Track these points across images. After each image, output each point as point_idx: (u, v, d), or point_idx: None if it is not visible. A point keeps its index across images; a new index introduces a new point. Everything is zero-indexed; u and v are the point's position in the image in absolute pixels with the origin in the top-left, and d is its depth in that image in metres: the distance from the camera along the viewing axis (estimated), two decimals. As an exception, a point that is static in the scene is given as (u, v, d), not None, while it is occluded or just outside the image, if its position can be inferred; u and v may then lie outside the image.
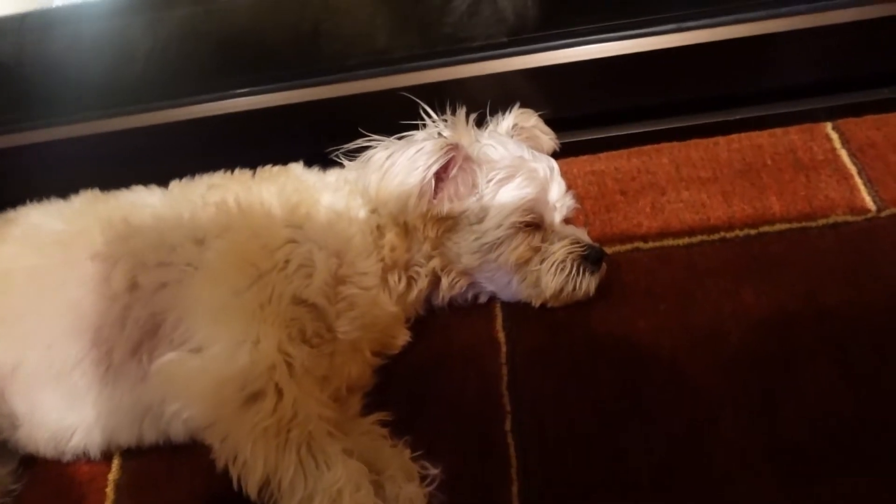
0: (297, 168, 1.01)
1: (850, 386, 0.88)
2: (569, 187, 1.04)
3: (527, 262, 0.99)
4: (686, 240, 1.08)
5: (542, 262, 0.99)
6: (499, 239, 0.97)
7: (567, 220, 1.05)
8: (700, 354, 0.95)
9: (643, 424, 0.90)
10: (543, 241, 0.99)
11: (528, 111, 1.09)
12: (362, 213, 0.96)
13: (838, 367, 0.90)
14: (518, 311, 1.04)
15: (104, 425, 0.88)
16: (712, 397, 0.91)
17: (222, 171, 1.00)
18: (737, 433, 0.87)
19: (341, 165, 0.98)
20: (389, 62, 1.13)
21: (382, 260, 0.96)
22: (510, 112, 1.07)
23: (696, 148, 1.21)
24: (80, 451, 0.91)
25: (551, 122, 1.12)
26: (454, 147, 0.93)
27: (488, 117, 1.06)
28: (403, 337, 1.00)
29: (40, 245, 0.91)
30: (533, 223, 0.98)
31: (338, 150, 0.96)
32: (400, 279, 0.98)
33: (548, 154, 1.06)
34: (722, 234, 1.08)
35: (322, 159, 1.01)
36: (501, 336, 1.03)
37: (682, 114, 1.24)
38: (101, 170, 1.08)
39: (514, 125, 1.06)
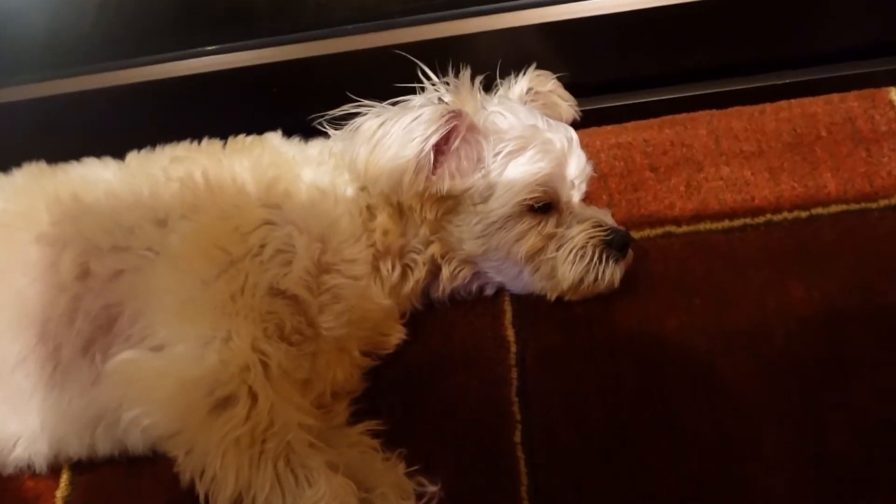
0: (274, 138, 1.02)
1: (912, 395, 0.89)
2: (589, 160, 1.05)
3: (540, 248, 1.00)
4: (726, 223, 1.10)
5: (558, 248, 1.00)
6: (508, 222, 0.98)
7: (587, 200, 1.06)
8: (739, 357, 0.96)
9: (672, 437, 0.90)
10: (559, 224, 1.00)
11: (545, 74, 1.09)
12: (350, 191, 0.97)
13: (899, 372, 0.91)
14: (530, 306, 1.05)
15: (51, 434, 0.89)
16: (752, 407, 0.91)
17: (188, 141, 1.01)
18: (778, 448, 0.88)
19: (326, 135, 0.99)
20: (382, 15, 1.14)
21: (373, 245, 0.97)
22: (523, 75, 1.07)
23: (739, 117, 1.22)
24: (24, 464, 0.91)
25: (571, 86, 1.12)
26: (456, 115, 0.93)
27: (498, 80, 1.07)
28: (397, 334, 1.02)
29: (-25, 227, 0.90)
30: (547, 203, 0.99)
31: (322, 117, 0.96)
32: (393, 268, 0.99)
33: (566, 123, 1.07)
34: (767, 217, 1.10)
35: (303, 128, 1.02)
36: (511, 335, 1.04)
37: (723, 77, 1.24)
38: (47, 140, 1.09)
39: (528, 90, 1.07)
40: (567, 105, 1.11)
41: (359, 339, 0.97)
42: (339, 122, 0.96)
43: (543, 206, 0.98)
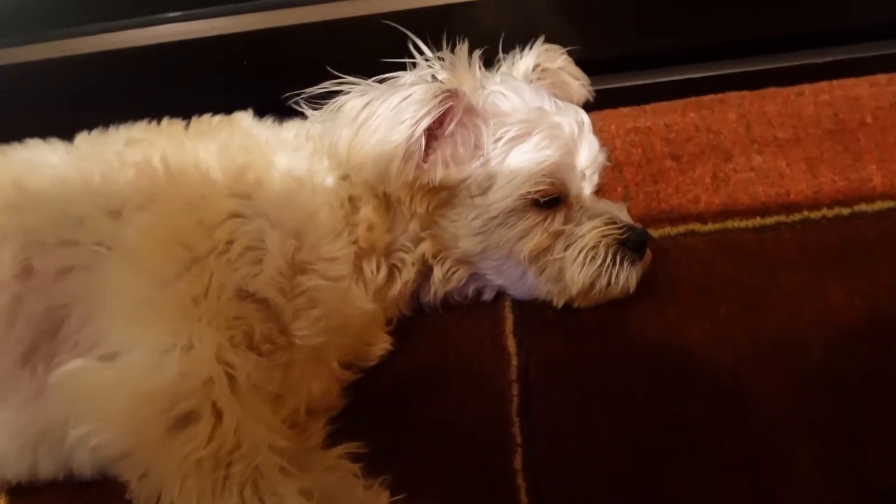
0: (244, 119, 1.02)
1: (967, 416, 0.89)
2: (603, 147, 1.05)
3: (546, 248, 1.00)
4: (757, 221, 1.11)
5: (566, 248, 1.00)
6: (509, 217, 0.98)
7: (600, 193, 1.05)
8: (770, 372, 0.96)
9: (696, 460, 0.90)
10: (568, 220, 1.01)
11: (554, 48, 1.10)
12: (330, 181, 0.97)
13: (952, 390, 0.91)
14: (534, 313, 1.06)
15: (-13, 453, 0.88)
16: (784, 427, 0.91)
17: (145, 121, 1.01)
18: (813, 470, 0.88)
19: (303, 116, 0.99)
20: (368, -22, 1.15)
21: (356, 242, 0.97)
22: (530, 49, 1.08)
23: (773, 99, 1.22)
24: (-44, 486, 0.90)
25: (583, 62, 1.12)
26: (452, 94, 0.93)
27: (500, 55, 1.07)
28: (382, 344, 1.02)
29: None
30: (555, 197, 0.99)
31: (298, 95, 0.96)
32: (378, 268, 1.00)
33: (578, 105, 1.07)
34: (804, 214, 1.11)
35: (278, 108, 1.02)
36: (512, 345, 1.04)
37: (756, 54, 1.25)
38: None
39: (535, 67, 1.07)
40: (578, 84, 1.11)
41: (338, 348, 0.97)
42: (318, 101, 0.96)
43: (550, 199, 0.99)
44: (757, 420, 0.92)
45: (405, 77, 0.95)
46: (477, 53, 0.99)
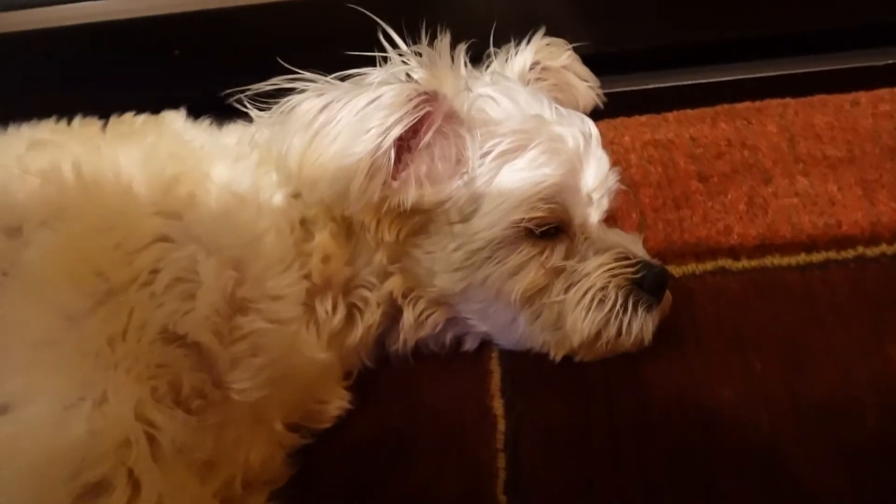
0: (175, 120, 1.03)
1: None
2: (615, 165, 1.05)
3: (543, 288, 1.02)
4: (802, 258, 1.14)
5: (567, 288, 1.01)
6: (498, 249, 0.99)
7: (610, 221, 1.07)
8: (816, 443, 0.97)
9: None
10: (570, 254, 1.02)
11: (557, 42, 1.12)
12: (278, 199, 0.99)
13: None
14: (526, 368, 1.07)
15: None
16: (830, 505, 0.92)
17: (53, 119, 1.01)
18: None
19: (248, 119, 1.00)
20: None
21: (308, 276, 0.98)
22: (527, 43, 1.09)
23: (823, 109, 1.25)
24: None
25: (593, 60, 1.15)
26: (430, 98, 0.94)
27: (491, 50, 1.09)
28: (339, 402, 1.04)
29: None
30: (554, 225, 1.00)
31: (242, 92, 0.96)
32: (335, 308, 1.01)
33: (584, 113, 1.07)
34: (859, 249, 1.14)
35: (217, 107, 1.02)
36: (499, 406, 1.06)
37: (802, 52, 1.27)
38: None
39: (533, 65, 1.09)
40: (586, 87, 1.13)
41: (284, 406, 0.98)
42: (266, 100, 0.96)
43: (549, 229, 1.00)
44: (797, 496, 0.93)
45: (373, 74, 0.95)
46: (462, 47, 1.01)
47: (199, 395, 0.89)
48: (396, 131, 0.90)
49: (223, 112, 1.03)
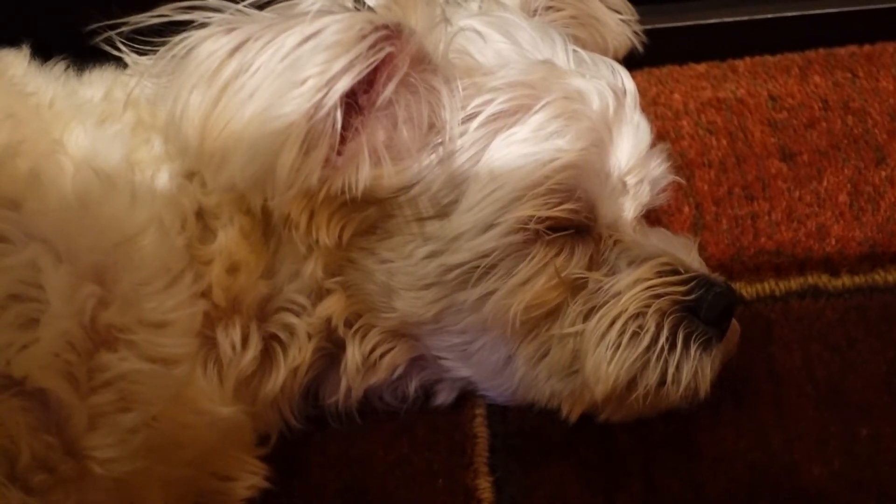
0: (13, 63, 0.94)
1: None
2: (658, 140, 0.95)
3: (554, 311, 0.88)
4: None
5: (588, 314, 0.88)
6: (486, 259, 0.86)
7: (652, 217, 0.99)
8: None
9: None
10: (594, 264, 0.89)
11: None
12: (163, 180, 0.88)
13: None
14: (526, 431, 0.97)
15: None
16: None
17: None
18: None
19: (121, 64, 0.88)
20: None
21: (206, 295, 0.87)
22: None
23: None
24: None
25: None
26: (392, 34, 0.82)
27: None
28: (250, 478, 0.91)
29: None
30: (571, 224, 0.87)
31: (115, 28, 0.83)
32: (246, 342, 0.89)
33: (615, 59, 0.98)
34: None
35: (76, 47, 0.91)
36: (485, 487, 0.93)
37: None
38: None
39: None
40: (617, 20, 1.04)
41: (168, 485, 0.87)
42: (148, 38, 0.83)
43: (562, 227, 0.87)
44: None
45: (308, 0, 0.82)
46: (439, -34, 0.91)
47: (43, 467, 0.79)
48: (344, 83, 0.77)
49: (85, 54, 0.92)
